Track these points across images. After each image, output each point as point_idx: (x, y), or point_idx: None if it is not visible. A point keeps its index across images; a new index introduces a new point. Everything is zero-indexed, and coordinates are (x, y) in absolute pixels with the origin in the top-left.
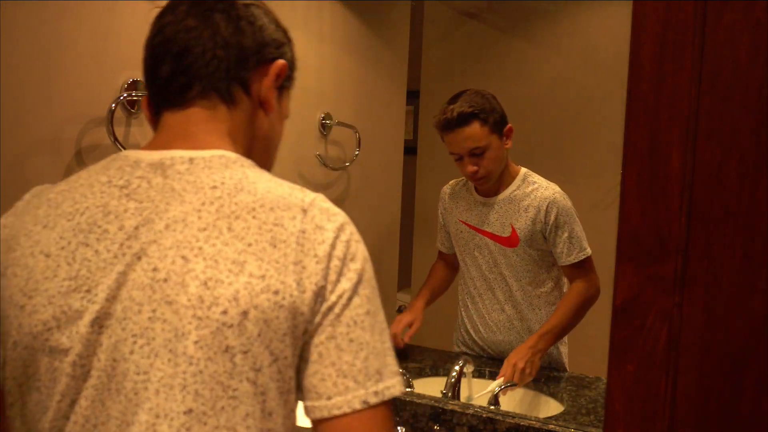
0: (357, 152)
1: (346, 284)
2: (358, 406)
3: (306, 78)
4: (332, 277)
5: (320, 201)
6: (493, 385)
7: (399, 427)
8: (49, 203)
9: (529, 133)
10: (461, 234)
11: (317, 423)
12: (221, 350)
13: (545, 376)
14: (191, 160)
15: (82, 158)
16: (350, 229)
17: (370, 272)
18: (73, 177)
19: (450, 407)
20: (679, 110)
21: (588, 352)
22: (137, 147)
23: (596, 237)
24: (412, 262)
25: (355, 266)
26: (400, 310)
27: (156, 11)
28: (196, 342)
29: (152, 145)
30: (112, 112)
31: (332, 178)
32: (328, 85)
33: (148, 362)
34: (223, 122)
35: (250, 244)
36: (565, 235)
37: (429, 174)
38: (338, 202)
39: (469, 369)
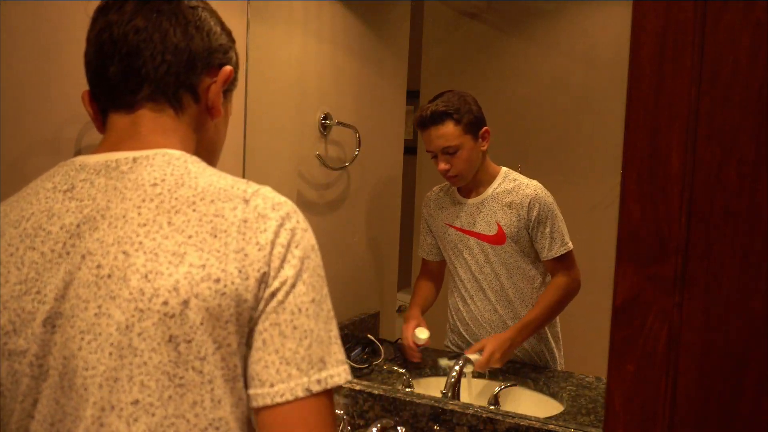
0: (357, 152)
1: (289, 271)
2: (300, 393)
3: (306, 78)
4: (275, 263)
5: (265, 191)
6: (470, 358)
7: (399, 427)
8: (3, 215)
9: (529, 133)
10: (449, 237)
11: (259, 411)
12: (165, 340)
13: (545, 376)
14: (135, 159)
15: None
16: (297, 218)
17: (316, 261)
18: (23, 189)
19: (450, 407)
20: (679, 110)
21: (588, 352)
22: None
23: (596, 237)
24: (412, 262)
25: (299, 253)
26: (400, 310)
27: (93, 5)
28: (139, 334)
29: (101, 148)
30: None
31: (332, 178)
32: (328, 85)
33: (95, 357)
34: (171, 125)
35: (190, 236)
36: (547, 230)
37: (429, 174)
38: (338, 202)
39: (469, 369)
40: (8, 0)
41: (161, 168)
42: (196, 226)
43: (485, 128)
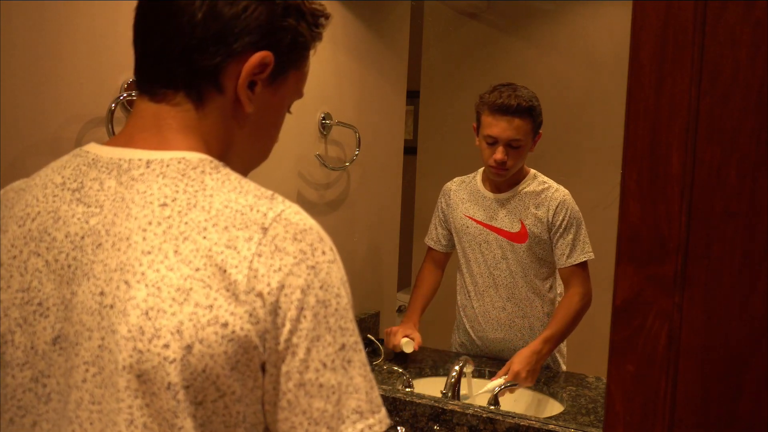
0: (357, 152)
1: (310, 322)
2: None
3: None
4: (292, 312)
5: (289, 215)
6: (491, 385)
7: (399, 427)
8: (6, 202)
9: None
10: (467, 229)
11: None
12: (164, 387)
13: (545, 376)
14: (148, 163)
15: None
16: (322, 249)
17: (344, 299)
18: (33, 175)
19: (450, 407)
20: (679, 110)
21: (588, 352)
22: None
23: (596, 237)
24: (412, 262)
25: (322, 296)
26: (400, 310)
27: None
28: (138, 376)
29: (120, 136)
30: (111, 112)
31: (332, 178)
32: (328, 85)
33: (100, 392)
34: (191, 121)
35: (197, 269)
36: (570, 237)
37: (429, 174)
38: (338, 202)
39: (469, 369)
40: (8, 0)
41: (174, 182)
42: (205, 258)
43: (540, 132)
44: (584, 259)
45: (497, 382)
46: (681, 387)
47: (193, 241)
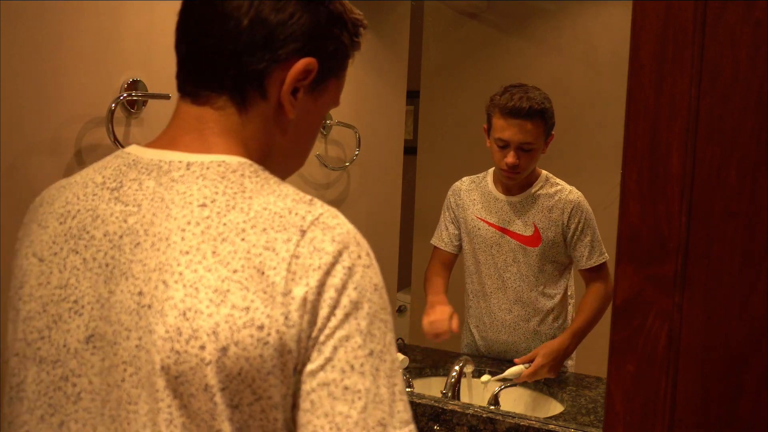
0: (357, 152)
1: (341, 320)
2: None
3: None
4: (324, 311)
5: (327, 219)
6: (511, 371)
7: None
8: (49, 200)
9: None
10: (479, 231)
11: None
12: (201, 388)
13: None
14: (188, 165)
15: (82, 158)
16: (358, 252)
17: (379, 303)
18: (77, 173)
19: (450, 407)
20: (679, 110)
21: (588, 352)
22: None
23: None
24: (412, 262)
25: (355, 296)
26: (400, 310)
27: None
28: (176, 377)
29: (161, 138)
30: (112, 112)
31: (332, 178)
32: None
33: (137, 393)
34: (234, 125)
35: (235, 271)
36: (588, 239)
37: (429, 174)
38: (338, 202)
39: (469, 369)
40: (8, 0)
41: (213, 183)
42: (243, 259)
43: (552, 134)
44: (603, 261)
45: (518, 368)
46: (681, 387)
47: (232, 242)
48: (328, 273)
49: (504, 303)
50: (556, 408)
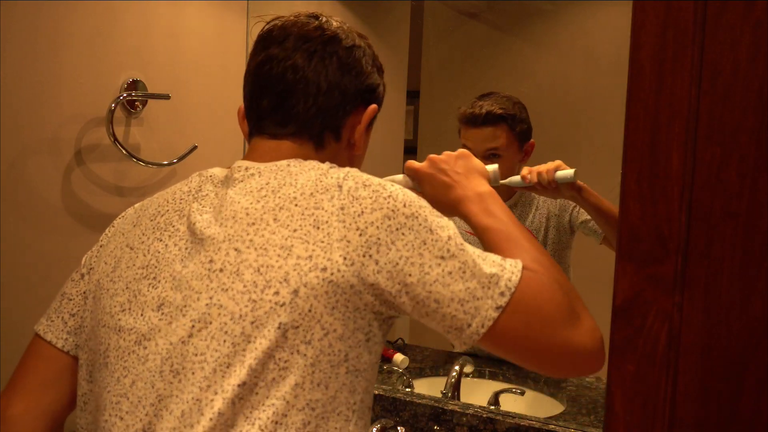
0: None
1: (409, 234)
2: (494, 314)
3: None
4: (389, 238)
5: (354, 172)
6: (563, 174)
7: (399, 427)
8: (142, 205)
9: None
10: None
11: (481, 343)
12: (274, 327)
13: (545, 376)
14: (247, 168)
15: (81, 158)
16: (388, 188)
17: (426, 208)
18: (165, 190)
19: (450, 407)
20: (679, 110)
21: None
22: (137, 146)
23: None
24: None
25: (408, 212)
26: None
27: (259, 25)
28: (252, 322)
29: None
30: (111, 112)
31: None
32: None
33: (204, 344)
34: (308, 156)
35: (295, 230)
36: (591, 224)
37: None
38: None
39: (469, 369)
40: (8, 0)
41: (267, 175)
42: (300, 220)
43: (531, 141)
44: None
45: (570, 171)
46: (681, 387)
47: (288, 209)
48: (372, 210)
49: None
50: (556, 408)
